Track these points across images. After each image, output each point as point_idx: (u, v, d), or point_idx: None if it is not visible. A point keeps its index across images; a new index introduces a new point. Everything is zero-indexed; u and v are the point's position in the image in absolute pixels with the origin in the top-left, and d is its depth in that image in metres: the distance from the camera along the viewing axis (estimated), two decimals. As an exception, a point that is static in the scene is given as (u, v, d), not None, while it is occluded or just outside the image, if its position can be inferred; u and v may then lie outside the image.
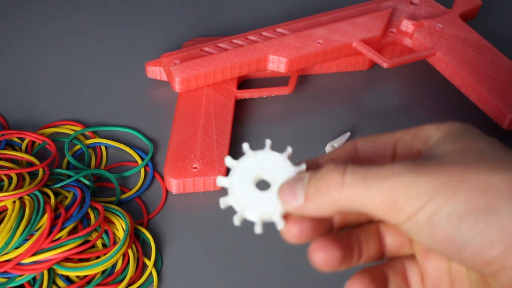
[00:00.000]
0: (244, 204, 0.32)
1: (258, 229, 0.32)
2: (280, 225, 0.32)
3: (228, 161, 0.33)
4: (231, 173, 0.33)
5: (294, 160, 0.34)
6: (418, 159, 0.31)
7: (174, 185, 0.54)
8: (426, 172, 0.29)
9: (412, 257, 0.35)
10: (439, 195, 0.28)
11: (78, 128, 0.58)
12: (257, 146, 0.58)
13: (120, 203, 0.54)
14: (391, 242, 0.35)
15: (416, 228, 0.29)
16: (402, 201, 0.29)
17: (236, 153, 0.57)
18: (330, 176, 0.30)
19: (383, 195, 0.29)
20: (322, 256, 0.32)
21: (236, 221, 0.32)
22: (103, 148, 0.57)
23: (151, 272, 0.49)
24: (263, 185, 0.33)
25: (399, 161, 0.30)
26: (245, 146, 0.34)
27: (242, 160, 0.33)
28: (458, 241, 0.28)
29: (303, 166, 0.33)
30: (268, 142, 0.34)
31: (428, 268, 0.34)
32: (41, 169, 0.51)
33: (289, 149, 0.34)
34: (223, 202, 0.33)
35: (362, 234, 0.34)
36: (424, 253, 0.34)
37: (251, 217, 0.32)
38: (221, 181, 0.33)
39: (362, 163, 0.34)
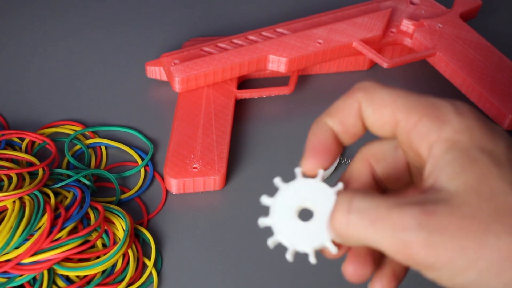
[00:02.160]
0: (294, 239, 0.32)
1: (312, 259, 0.32)
2: (333, 250, 0.32)
3: (265, 199, 0.33)
4: (271, 211, 0.33)
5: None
6: (428, 198, 0.29)
7: (174, 185, 0.54)
8: (441, 231, 0.28)
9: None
10: (460, 260, 0.28)
11: (78, 128, 0.58)
12: (257, 146, 0.58)
13: (120, 203, 0.54)
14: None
15: (438, 280, 0.29)
16: (419, 257, 0.28)
17: (236, 153, 0.57)
18: (335, 214, 0.30)
19: (396, 246, 0.28)
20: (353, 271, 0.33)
21: (289, 256, 0.32)
22: (103, 148, 0.57)
23: (151, 272, 0.49)
24: (306, 213, 0.33)
25: (409, 205, 0.29)
26: (277, 180, 0.33)
27: (279, 195, 0.33)
28: None
29: (340, 186, 0.32)
30: (297, 170, 0.33)
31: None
32: (41, 169, 0.51)
33: (321, 172, 0.33)
34: (272, 242, 0.32)
35: None
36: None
37: (303, 250, 0.32)
38: (264, 221, 0.33)
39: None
